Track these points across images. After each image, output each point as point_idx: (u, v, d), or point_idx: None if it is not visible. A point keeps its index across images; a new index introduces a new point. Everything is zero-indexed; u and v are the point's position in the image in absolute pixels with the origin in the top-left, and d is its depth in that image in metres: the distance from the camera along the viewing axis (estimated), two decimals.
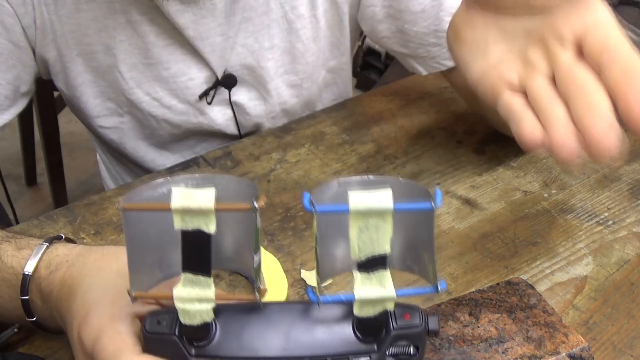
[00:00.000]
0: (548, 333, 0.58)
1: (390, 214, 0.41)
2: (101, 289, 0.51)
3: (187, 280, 0.43)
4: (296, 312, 0.46)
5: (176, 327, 0.45)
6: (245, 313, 0.46)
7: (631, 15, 1.10)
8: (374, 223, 0.41)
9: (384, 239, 0.41)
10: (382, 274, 0.43)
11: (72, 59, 0.82)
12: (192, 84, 0.86)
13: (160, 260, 0.47)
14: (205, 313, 0.44)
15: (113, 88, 0.85)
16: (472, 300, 0.61)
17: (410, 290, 0.44)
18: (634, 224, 0.77)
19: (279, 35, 0.87)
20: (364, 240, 0.41)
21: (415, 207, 0.42)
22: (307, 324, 0.46)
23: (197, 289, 0.43)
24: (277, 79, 0.90)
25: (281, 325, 0.46)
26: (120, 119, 0.89)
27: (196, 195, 0.41)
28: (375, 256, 0.42)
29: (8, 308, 0.59)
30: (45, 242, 0.59)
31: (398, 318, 0.45)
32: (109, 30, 0.80)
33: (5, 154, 2.17)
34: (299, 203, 0.78)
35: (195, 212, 0.41)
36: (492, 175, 0.84)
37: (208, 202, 0.41)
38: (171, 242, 0.43)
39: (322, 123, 0.91)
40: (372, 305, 0.43)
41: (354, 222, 0.41)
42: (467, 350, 0.57)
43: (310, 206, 0.41)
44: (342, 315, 0.46)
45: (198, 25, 0.81)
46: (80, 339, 0.49)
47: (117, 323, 0.48)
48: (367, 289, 0.43)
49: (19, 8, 0.75)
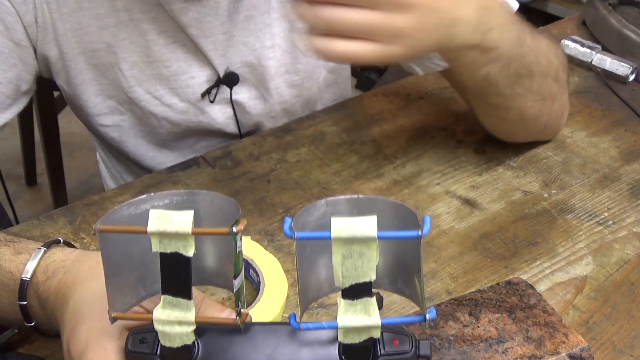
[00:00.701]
0: (548, 333, 0.58)
1: (375, 241, 0.39)
2: (91, 300, 0.51)
3: (167, 302, 0.42)
4: (281, 335, 0.45)
5: (158, 346, 0.44)
6: (229, 334, 0.45)
7: (631, 15, 1.09)
8: (358, 250, 0.39)
9: (369, 266, 0.40)
10: (367, 301, 0.41)
11: (74, 57, 0.82)
12: (193, 83, 0.86)
13: (144, 277, 0.46)
14: (186, 336, 0.43)
15: (114, 86, 0.85)
16: (472, 300, 0.61)
17: (396, 319, 0.44)
18: (634, 224, 0.77)
19: (281, 34, 0.87)
20: (348, 267, 0.40)
21: (401, 236, 0.41)
22: (292, 348, 0.44)
23: (177, 312, 0.42)
24: (277, 78, 0.90)
25: (265, 348, 0.45)
26: (121, 117, 0.89)
27: (174, 218, 0.40)
28: (359, 283, 0.40)
29: (7, 312, 0.59)
30: (43, 246, 0.58)
31: (386, 344, 0.43)
32: (110, 28, 0.80)
33: (5, 154, 2.17)
34: (299, 203, 0.78)
35: (172, 235, 0.40)
36: (492, 175, 0.84)
37: (185, 226, 0.40)
38: (154, 260, 0.42)
39: (322, 123, 0.91)
40: (357, 332, 0.42)
41: (337, 248, 0.40)
42: (467, 350, 0.57)
43: (290, 232, 0.40)
44: (328, 339, 0.45)
45: (201, 23, 0.81)
46: (68, 350, 0.49)
47: (104, 337, 0.48)
48: (351, 316, 0.41)
49: (20, 7, 0.75)
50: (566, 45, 1.05)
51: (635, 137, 0.91)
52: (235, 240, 0.41)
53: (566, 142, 0.89)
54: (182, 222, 0.40)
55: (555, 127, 0.87)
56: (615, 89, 1.00)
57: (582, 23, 1.16)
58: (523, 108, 0.77)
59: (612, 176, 0.84)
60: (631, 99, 0.98)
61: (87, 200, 0.78)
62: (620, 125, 0.93)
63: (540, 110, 0.79)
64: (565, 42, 1.05)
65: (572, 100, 0.95)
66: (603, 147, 0.89)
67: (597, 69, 1.03)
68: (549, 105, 0.80)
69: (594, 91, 1.00)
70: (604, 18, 1.10)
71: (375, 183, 0.82)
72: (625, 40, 1.06)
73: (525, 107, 0.77)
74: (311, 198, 0.79)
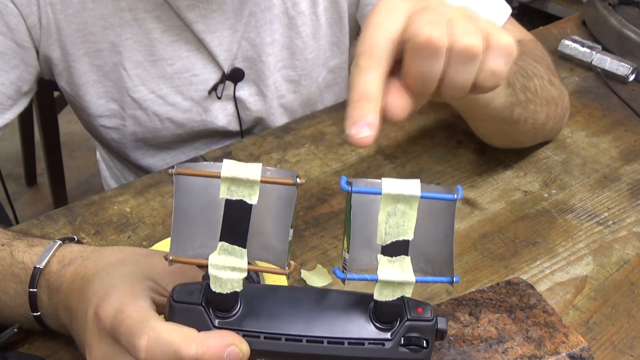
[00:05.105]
0: (548, 333, 0.58)
1: (417, 200, 0.44)
2: (120, 275, 0.52)
3: (223, 249, 0.45)
4: (318, 296, 0.48)
5: (203, 298, 0.46)
6: (269, 294, 0.48)
7: (631, 15, 1.09)
8: (402, 209, 0.44)
9: (409, 225, 0.45)
10: (404, 260, 0.45)
11: (78, 58, 0.82)
12: (196, 80, 0.87)
13: (201, 233, 0.48)
14: (236, 282, 0.45)
15: (117, 88, 0.86)
16: (472, 300, 0.61)
17: (427, 278, 0.47)
18: (634, 224, 0.77)
19: (280, 30, 0.88)
20: (391, 225, 0.45)
21: (440, 197, 0.45)
22: (328, 308, 0.48)
23: (232, 258, 0.45)
24: (275, 73, 0.91)
25: (303, 307, 0.47)
26: (123, 122, 0.90)
27: (244, 167, 0.44)
28: (399, 241, 0.45)
29: (11, 305, 0.59)
30: (59, 239, 0.60)
31: (412, 310, 0.47)
32: (114, 28, 0.81)
33: (5, 154, 2.18)
34: (299, 203, 0.78)
35: (241, 182, 0.44)
36: (492, 175, 0.84)
37: (255, 174, 0.44)
38: (211, 217, 0.45)
39: (322, 123, 0.91)
40: (392, 289, 0.46)
41: (384, 205, 0.44)
42: (467, 350, 0.57)
43: (347, 186, 0.44)
44: (361, 303, 0.48)
45: (207, 19, 0.82)
46: (97, 315, 0.49)
47: (139, 299, 0.49)
48: (389, 271, 0.45)
49: (24, 8, 0.76)
50: (566, 45, 1.05)
51: (635, 137, 0.91)
52: (296, 191, 0.45)
53: (566, 142, 0.89)
54: (252, 171, 0.44)
55: (558, 128, 0.88)
56: (615, 89, 1.00)
57: (582, 23, 1.16)
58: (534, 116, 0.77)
59: (612, 176, 0.84)
60: (631, 99, 0.98)
61: (87, 200, 0.78)
62: (620, 125, 0.93)
63: (547, 115, 0.80)
64: (565, 42, 1.05)
65: (572, 100, 0.95)
66: (603, 147, 0.89)
67: (597, 69, 1.03)
68: (554, 109, 0.81)
69: (594, 91, 1.00)
70: (604, 18, 1.10)
71: None
72: (625, 40, 1.06)
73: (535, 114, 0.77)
74: (311, 198, 0.79)
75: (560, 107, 0.83)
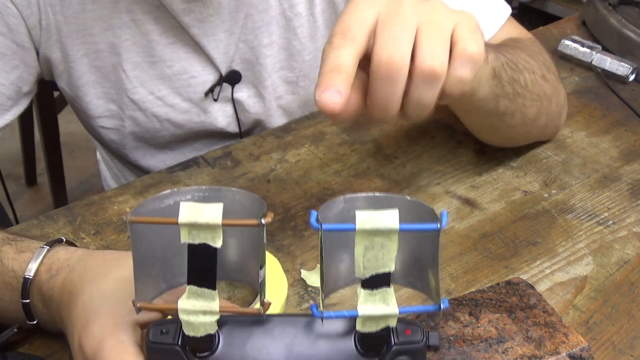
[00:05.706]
0: (548, 333, 0.58)
1: (396, 233, 0.41)
2: (102, 297, 0.51)
3: (192, 292, 0.43)
4: (299, 325, 0.47)
5: (179, 337, 0.45)
6: (249, 325, 0.47)
7: (631, 15, 1.09)
8: (380, 242, 0.42)
9: (389, 258, 0.42)
10: (386, 292, 0.43)
11: (77, 59, 0.82)
12: (195, 82, 0.87)
13: (165, 271, 0.47)
14: (209, 325, 0.44)
15: (117, 89, 0.86)
16: (472, 300, 0.61)
17: (412, 308, 0.45)
18: (634, 224, 0.77)
19: (277, 32, 0.87)
20: (369, 258, 0.42)
21: (422, 228, 0.43)
22: (310, 338, 0.46)
23: (202, 301, 0.43)
24: (273, 74, 0.90)
25: (284, 338, 0.46)
26: (122, 122, 0.90)
27: (204, 210, 0.41)
28: (379, 274, 0.42)
29: (9, 310, 0.59)
30: (46, 245, 0.58)
31: (400, 333, 0.45)
32: (114, 29, 0.81)
33: (5, 154, 2.17)
34: (299, 203, 0.78)
35: (202, 227, 0.41)
36: (492, 175, 0.84)
37: (216, 218, 0.41)
38: (176, 254, 0.43)
39: (322, 123, 0.91)
40: (375, 321, 0.44)
41: (359, 240, 0.42)
42: (467, 350, 0.57)
43: (317, 224, 0.42)
44: (345, 329, 0.46)
45: (203, 23, 0.82)
46: (81, 346, 0.49)
47: (119, 332, 0.48)
48: (370, 306, 0.43)
49: (24, 9, 0.76)
50: (566, 45, 1.05)
51: (635, 137, 0.91)
52: (263, 232, 0.42)
53: (566, 142, 0.89)
54: (213, 214, 0.41)
55: (555, 126, 0.87)
56: (615, 89, 1.00)
57: (582, 23, 1.16)
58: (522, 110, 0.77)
59: (612, 176, 0.84)
60: (631, 99, 0.98)
61: (87, 200, 0.78)
62: (620, 125, 0.93)
63: (539, 111, 0.79)
64: (565, 42, 1.05)
65: (572, 100, 0.95)
66: (603, 147, 0.89)
67: (597, 69, 1.03)
68: (547, 105, 0.81)
69: (594, 91, 1.00)
70: (604, 18, 1.10)
71: (375, 183, 0.82)
72: (625, 40, 1.06)
73: (524, 107, 0.77)
74: (311, 198, 0.79)
75: (555, 104, 0.82)
